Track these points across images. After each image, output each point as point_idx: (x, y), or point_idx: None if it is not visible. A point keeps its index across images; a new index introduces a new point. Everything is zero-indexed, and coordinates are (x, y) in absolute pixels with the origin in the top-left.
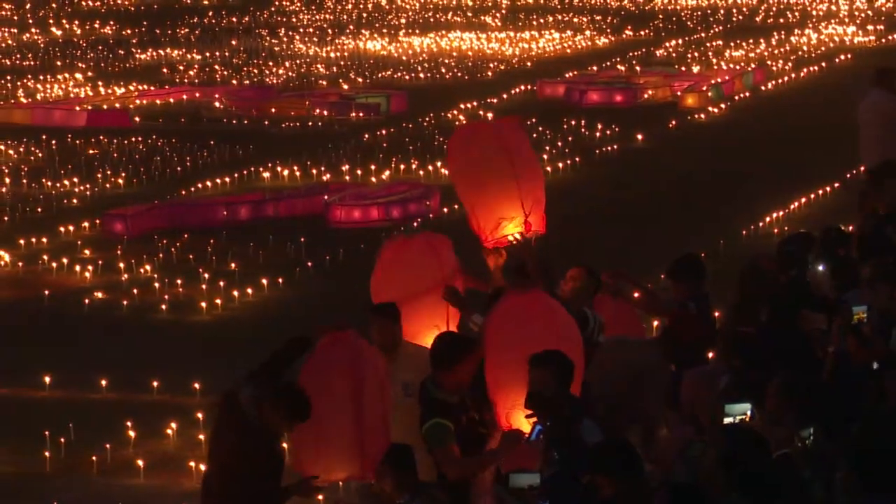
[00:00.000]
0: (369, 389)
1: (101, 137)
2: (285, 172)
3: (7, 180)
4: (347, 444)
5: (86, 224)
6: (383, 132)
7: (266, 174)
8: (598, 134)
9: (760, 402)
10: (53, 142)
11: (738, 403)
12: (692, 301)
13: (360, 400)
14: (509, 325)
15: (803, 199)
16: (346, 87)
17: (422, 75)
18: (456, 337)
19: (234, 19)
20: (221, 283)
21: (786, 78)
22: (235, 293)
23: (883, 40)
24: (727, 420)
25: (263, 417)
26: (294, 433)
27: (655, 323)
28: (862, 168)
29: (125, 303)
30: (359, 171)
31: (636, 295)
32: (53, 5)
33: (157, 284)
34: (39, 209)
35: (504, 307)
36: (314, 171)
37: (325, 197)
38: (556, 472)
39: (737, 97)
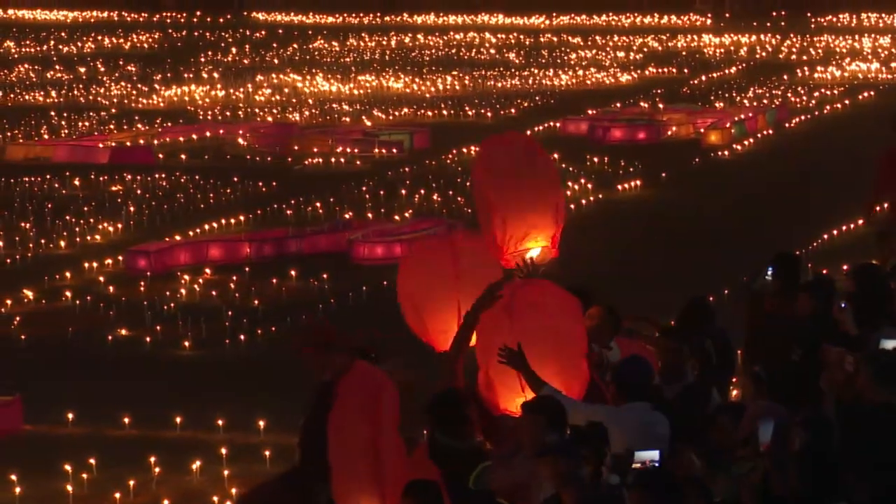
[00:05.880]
0: (387, 423)
1: (125, 174)
2: (308, 209)
3: (31, 217)
4: (368, 479)
5: (109, 261)
6: (406, 169)
7: (289, 211)
8: (620, 171)
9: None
10: (77, 179)
11: (646, 451)
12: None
13: (379, 434)
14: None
15: (826, 236)
16: (369, 124)
17: (445, 112)
18: (454, 392)
19: (258, 58)
20: (245, 320)
21: (809, 115)
22: (259, 330)
23: None
24: (635, 465)
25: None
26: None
27: None
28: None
29: (148, 339)
30: (382, 209)
31: (657, 335)
32: (78, 43)
33: (180, 321)
34: (63, 245)
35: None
36: (337, 208)
37: (349, 234)
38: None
39: (760, 134)
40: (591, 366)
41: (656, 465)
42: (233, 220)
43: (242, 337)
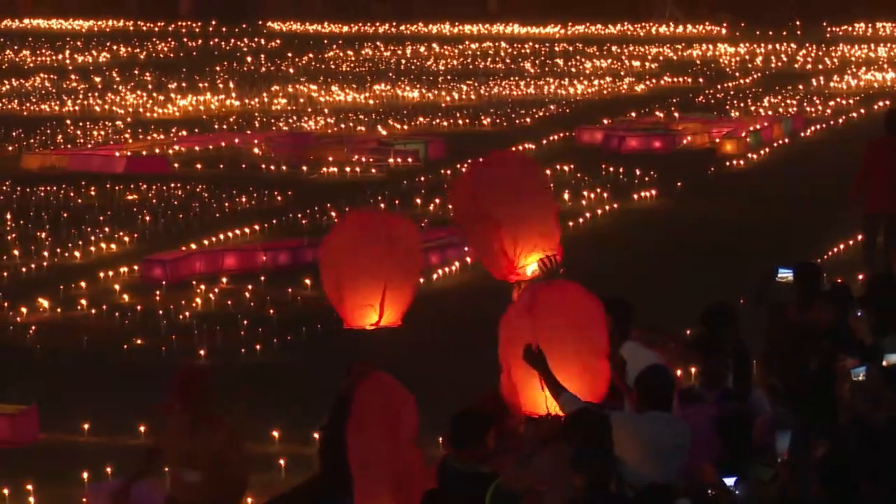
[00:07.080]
0: (405, 434)
1: (141, 183)
2: (324, 218)
3: (46, 226)
4: (387, 490)
5: (124, 270)
6: (422, 178)
7: (304, 220)
8: (636, 180)
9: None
10: (92, 188)
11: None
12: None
13: (398, 445)
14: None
15: (842, 246)
16: (384, 133)
17: (460, 122)
18: (473, 414)
19: (273, 67)
20: (260, 330)
21: (824, 124)
22: (274, 339)
23: None
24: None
25: None
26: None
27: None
28: None
29: (164, 349)
30: None
31: (672, 345)
32: (93, 52)
33: (195, 330)
34: (78, 254)
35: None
36: None
37: None
38: None
39: (775, 143)
40: (612, 368)
41: (736, 493)
42: (248, 230)
43: (258, 346)
